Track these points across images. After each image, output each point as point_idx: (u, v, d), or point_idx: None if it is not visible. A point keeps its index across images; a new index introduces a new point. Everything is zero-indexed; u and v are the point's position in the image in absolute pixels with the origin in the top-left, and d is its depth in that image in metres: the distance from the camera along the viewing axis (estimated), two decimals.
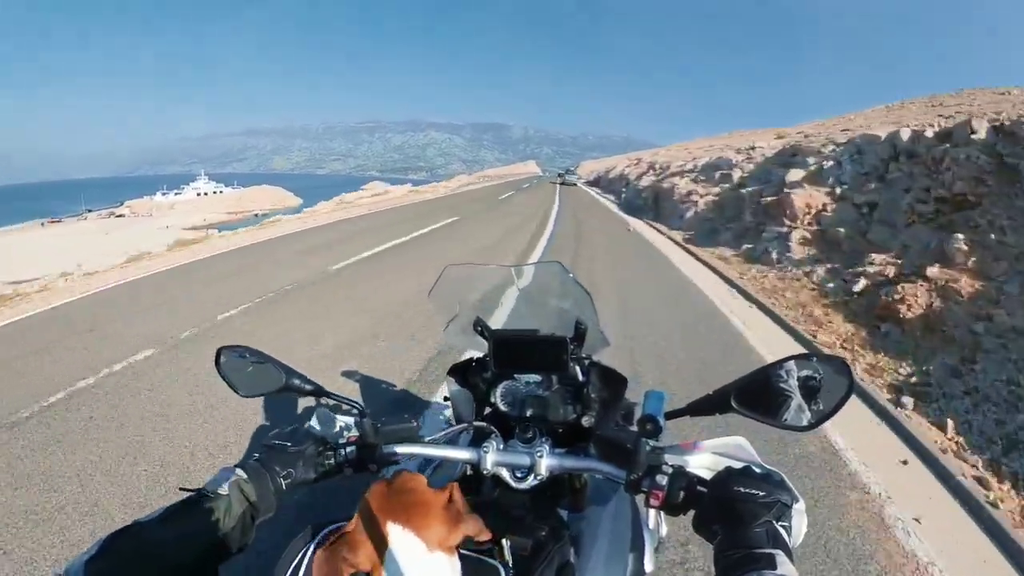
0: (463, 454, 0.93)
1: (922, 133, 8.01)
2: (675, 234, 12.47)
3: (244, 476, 0.78)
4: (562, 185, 37.06)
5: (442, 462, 1.16)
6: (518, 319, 1.29)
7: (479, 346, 1.20)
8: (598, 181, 41.23)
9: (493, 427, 0.99)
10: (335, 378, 3.88)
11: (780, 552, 0.62)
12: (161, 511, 0.69)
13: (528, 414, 1.10)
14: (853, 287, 6.23)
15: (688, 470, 0.78)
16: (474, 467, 0.93)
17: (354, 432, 0.93)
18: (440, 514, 0.66)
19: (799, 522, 0.71)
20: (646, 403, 0.92)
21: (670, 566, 2.11)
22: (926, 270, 5.52)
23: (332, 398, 0.93)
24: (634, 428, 0.86)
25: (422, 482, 0.69)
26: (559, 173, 46.06)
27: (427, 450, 0.94)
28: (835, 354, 3.58)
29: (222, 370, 0.93)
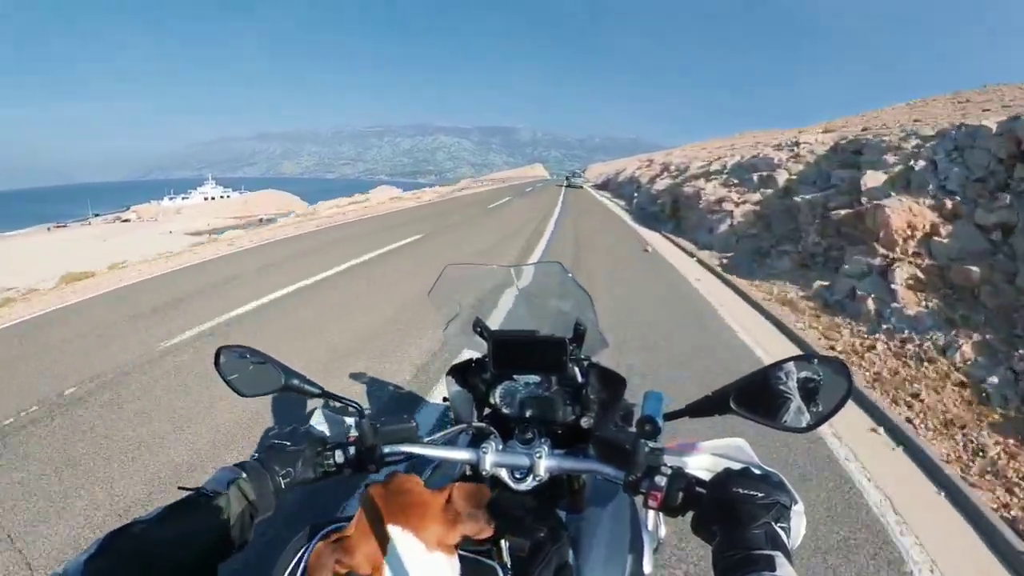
0: (462, 454, 0.93)
1: None
2: (707, 256, 9.85)
3: (243, 475, 0.78)
4: (568, 187, 37.38)
5: (441, 463, 1.16)
6: (517, 320, 1.29)
7: (478, 346, 1.20)
8: (607, 184, 39.63)
9: (492, 428, 0.99)
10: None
11: (779, 553, 0.62)
12: (160, 510, 0.70)
13: (527, 415, 1.10)
14: None
15: (687, 471, 0.77)
16: (473, 468, 0.93)
17: (353, 432, 0.94)
18: (438, 514, 0.66)
19: (798, 524, 0.71)
20: (645, 404, 0.91)
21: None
22: None
23: (332, 398, 0.94)
24: (633, 429, 0.86)
25: (418, 483, 0.69)
26: (566, 176, 47.25)
27: (426, 450, 0.95)
28: (834, 355, 3.38)
29: (222, 370, 0.93)
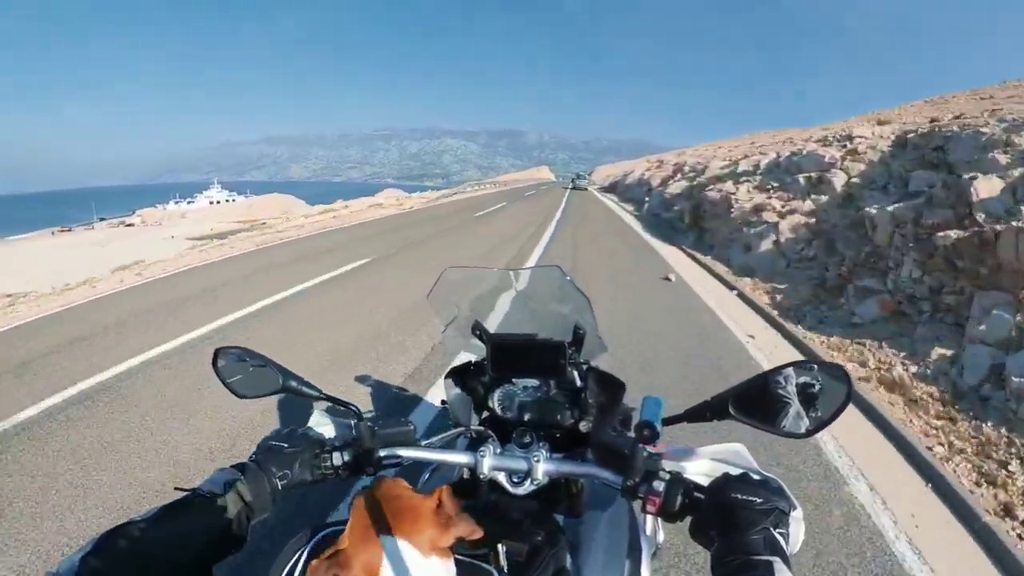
0: (460, 458, 0.93)
1: None
2: (749, 287, 7.02)
3: (240, 476, 0.79)
4: (573, 189, 38.56)
5: (439, 466, 1.16)
6: (516, 323, 1.28)
7: (477, 349, 1.20)
8: (614, 187, 37.61)
9: (490, 431, 0.99)
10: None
11: (778, 559, 0.61)
12: (156, 510, 0.70)
13: (525, 418, 1.09)
14: None
15: (685, 476, 0.77)
16: (471, 471, 0.93)
17: (351, 434, 0.94)
18: (430, 518, 0.66)
19: (797, 529, 0.70)
20: (644, 409, 0.91)
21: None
22: None
23: (329, 400, 0.94)
24: (631, 434, 0.85)
25: (407, 487, 0.69)
26: (572, 178, 48.59)
27: (423, 454, 0.94)
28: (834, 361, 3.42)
29: (219, 371, 0.93)
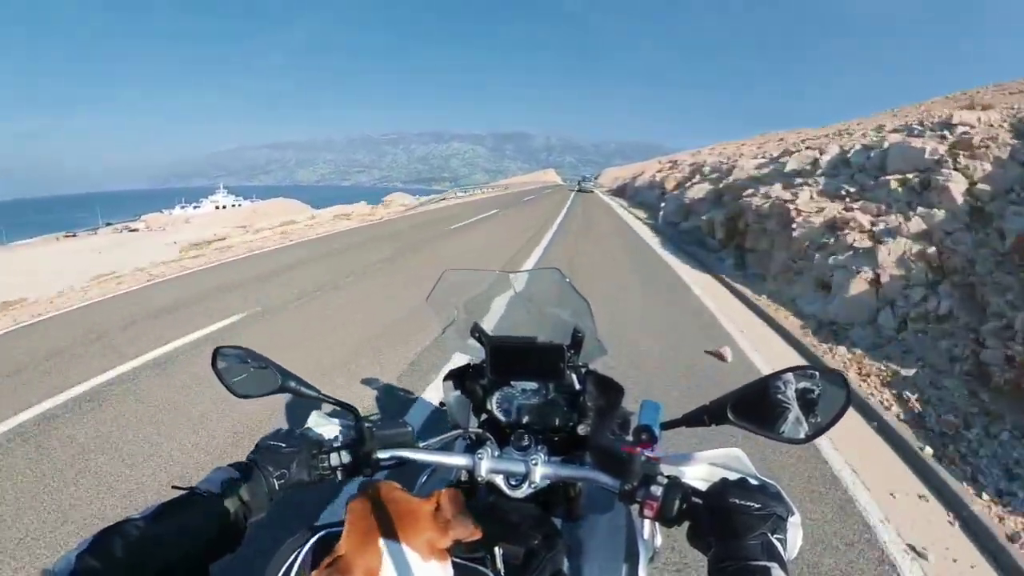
0: (458, 460, 0.93)
1: None
2: (852, 369, 4.42)
3: (237, 476, 0.79)
4: (579, 191, 39.18)
5: (436, 468, 1.16)
6: (515, 326, 1.28)
7: (476, 352, 1.20)
8: (623, 190, 35.52)
9: (488, 433, 0.98)
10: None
11: (775, 565, 0.61)
12: (153, 508, 0.70)
13: (524, 421, 1.09)
14: None
15: (683, 481, 0.76)
16: (469, 473, 0.93)
17: (349, 435, 0.94)
18: (429, 520, 0.66)
19: (794, 535, 0.70)
20: (642, 413, 0.90)
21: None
22: None
23: (328, 401, 0.94)
24: (630, 438, 0.85)
25: (402, 490, 0.69)
26: (578, 181, 49.89)
27: (422, 455, 0.94)
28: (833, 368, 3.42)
29: (218, 371, 0.94)
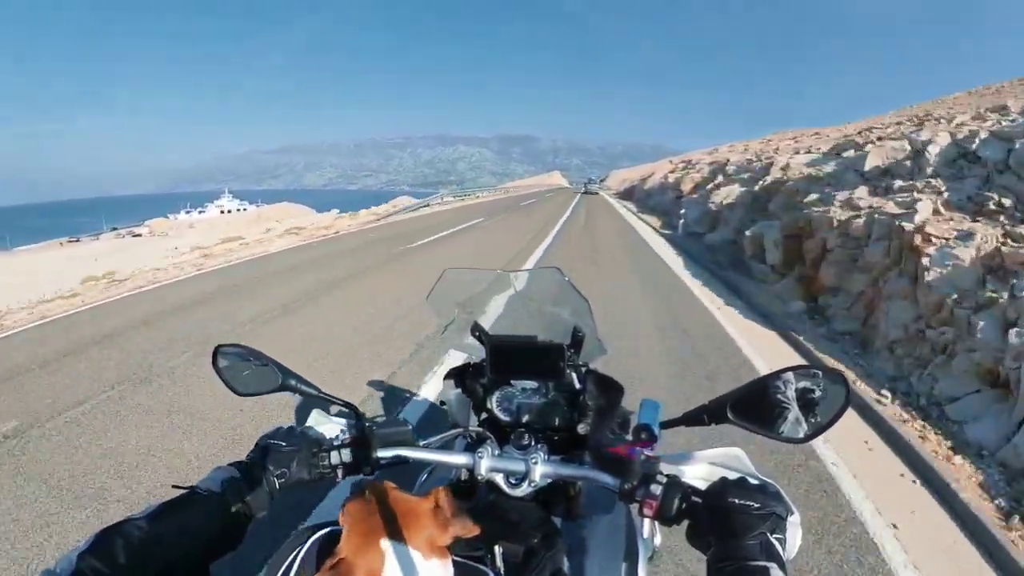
0: (457, 459, 0.93)
1: None
2: None
3: (238, 475, 0.78)
4: (585, 194, 39.66)
5: (436, 467, 1.16)
6: (516, 325, 1.28)
7: (476, 351, 1.20)
8: (631, 193, 32.45)
9: (488, 432, 0.99)
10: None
11: (774, 565, 0.62)
12: (154, 508, 0.69)
13: (524, 420, 1.09)
14: None
15: (683, 480, 0.77)
16: (469, 472, 0.93)
17: (349, 434, 0.94)
18: (428, 518, 0.66)
19: (794, 535, 0.70)
20: (642, 412, 0.90)
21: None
22: None
23: (328, 399, 0.94)
24: (629, 437, 0.85)
25: (399, 489, 0.69)
26: (584, 183, 50.72)
27: (422, 454, 0.94)
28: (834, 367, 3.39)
29: (219, 369, 0.93)
